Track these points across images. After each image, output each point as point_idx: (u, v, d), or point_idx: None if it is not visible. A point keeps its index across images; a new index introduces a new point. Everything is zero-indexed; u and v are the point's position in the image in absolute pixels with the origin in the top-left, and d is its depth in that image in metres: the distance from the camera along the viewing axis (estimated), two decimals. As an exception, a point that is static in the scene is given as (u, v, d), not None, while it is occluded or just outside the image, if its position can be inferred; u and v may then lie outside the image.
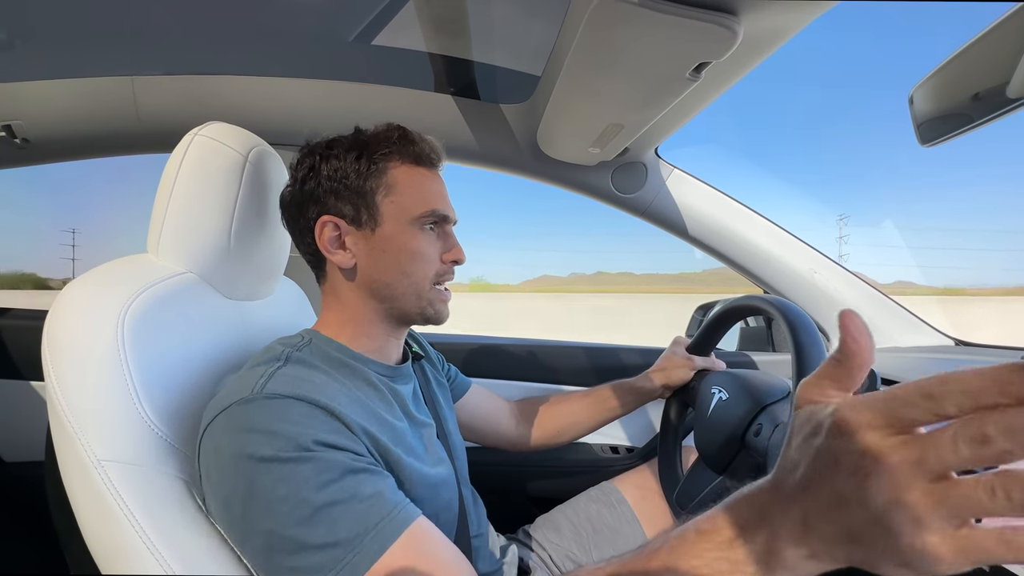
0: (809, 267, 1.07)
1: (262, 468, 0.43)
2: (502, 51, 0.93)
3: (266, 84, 0.98)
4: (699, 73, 0.55)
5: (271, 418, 0.45)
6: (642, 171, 1.01)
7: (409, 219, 0.59)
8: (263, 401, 0.46)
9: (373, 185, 0.59)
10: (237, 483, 0.43)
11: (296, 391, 0.47)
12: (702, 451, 0.74)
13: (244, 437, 0.44)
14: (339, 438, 0.46)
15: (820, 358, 0.55)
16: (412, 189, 0.60)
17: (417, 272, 0.60)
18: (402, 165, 0.60)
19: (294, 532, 0.41)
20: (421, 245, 0.60)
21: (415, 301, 0.60)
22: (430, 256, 0.61)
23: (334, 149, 0.60)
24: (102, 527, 0.45)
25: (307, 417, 0.46)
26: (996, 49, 0.45)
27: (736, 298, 0.76)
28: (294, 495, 0.42)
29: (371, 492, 0.45)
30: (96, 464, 0.45)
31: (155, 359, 0.51)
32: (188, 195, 0.59)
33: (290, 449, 0.43)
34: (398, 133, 0.61)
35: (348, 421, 0.48)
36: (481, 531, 0.71)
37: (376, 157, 0.59)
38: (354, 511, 0.43)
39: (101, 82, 0.89)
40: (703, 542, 0.31)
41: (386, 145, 0.60)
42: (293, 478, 0.42)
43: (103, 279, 0.53)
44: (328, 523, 0.42)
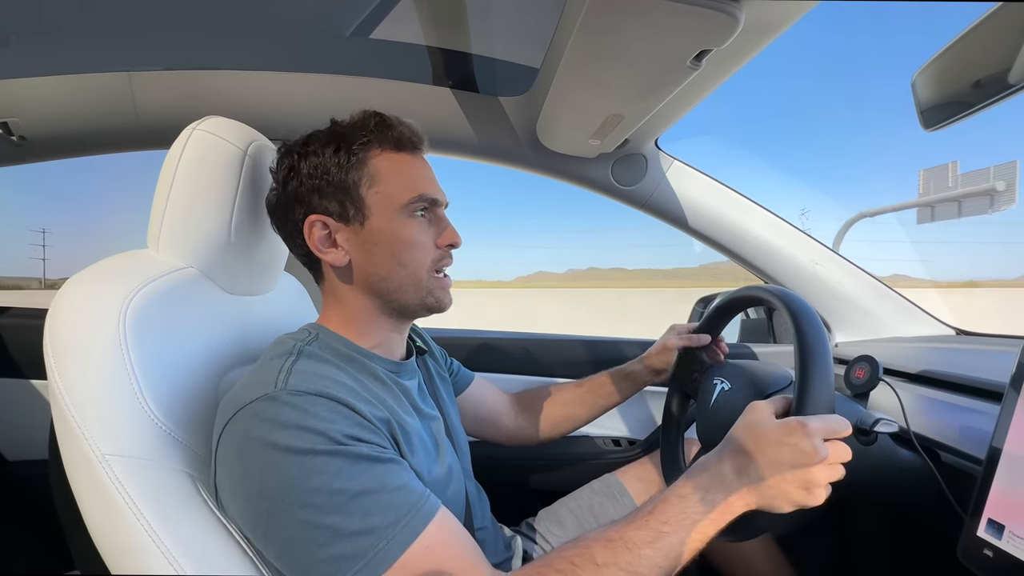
0: (811, 258, 1.06)
1: (295, 461, 0.43)
2: (500, 43, 0.93)
3: (264, 79, 0.98)
4: (700, 61, 0.55)
5: (300, 415, 0.45)
6: (642, 163, 1.01)
7: (397, 208, 0.57)
8: (289, 397, 0.46)
9: (356, 177, 0.57)
10: (267, 476, 0.44)
11: (318, 388, 0.48)
12: (705, 442, 0.74)
13: (273, 432, 0.44)
14: (363, 432, 0.47)
15: (823, 347, 0.55)
16: (396, 176, 0.58)
17: (413, 261, 0.58)
18: (383, 153, 0.58)
19: (329, 521, 0.42)
20: (413, 233, 0.58)
21: (414, 291, 0.59)
22: (424, 243, 0.59)
23: (311, 145, 0.58)
24: (107, 521, 0.45)
25: (333, 413, 0.47)
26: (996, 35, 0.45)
27: (737, 289, 0.76)
28: (328, 486, 0.43)
29: (398, 483, 0.46)
30: (101, 459, 0.45)
31: (157, 353, 0.51)
32: (187, 190, 0.59)
33: (323, 443, 0.44)
34: (375, 120, 0.59)
35: (368, 416, 0.49)
36: (485, 524, 0.72)
37: (355, 148, 0.57)
38: (385, 500, 0.44)
39: (98, 78, 0.88)
40: (683, 503, 0.48)
41: (364, 134, 0.58)
42: (327, 469, 0.43)
43: (104, 275, 0.53)
44: (361, 513, 0.43)
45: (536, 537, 0.86)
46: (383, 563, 0.42)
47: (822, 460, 0.47)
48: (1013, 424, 0.49)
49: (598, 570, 0.45)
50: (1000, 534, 0.47)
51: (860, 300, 1.06)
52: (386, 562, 0.42)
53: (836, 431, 0.49)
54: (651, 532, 0.47)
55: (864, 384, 0.74)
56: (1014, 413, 0.49)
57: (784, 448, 0.48)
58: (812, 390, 0.53)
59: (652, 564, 0.45)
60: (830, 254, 1.07)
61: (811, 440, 0.48)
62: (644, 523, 0.48)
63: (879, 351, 0.92)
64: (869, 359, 0.75)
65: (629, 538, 0.47)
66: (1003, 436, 0.49)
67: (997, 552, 0.47)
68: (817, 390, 0.53)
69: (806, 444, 0.48)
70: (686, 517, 0.48)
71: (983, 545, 0.48)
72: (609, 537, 0.47)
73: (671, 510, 0.48)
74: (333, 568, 0.42)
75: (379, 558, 0.42)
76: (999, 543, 0.47)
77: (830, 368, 0.54)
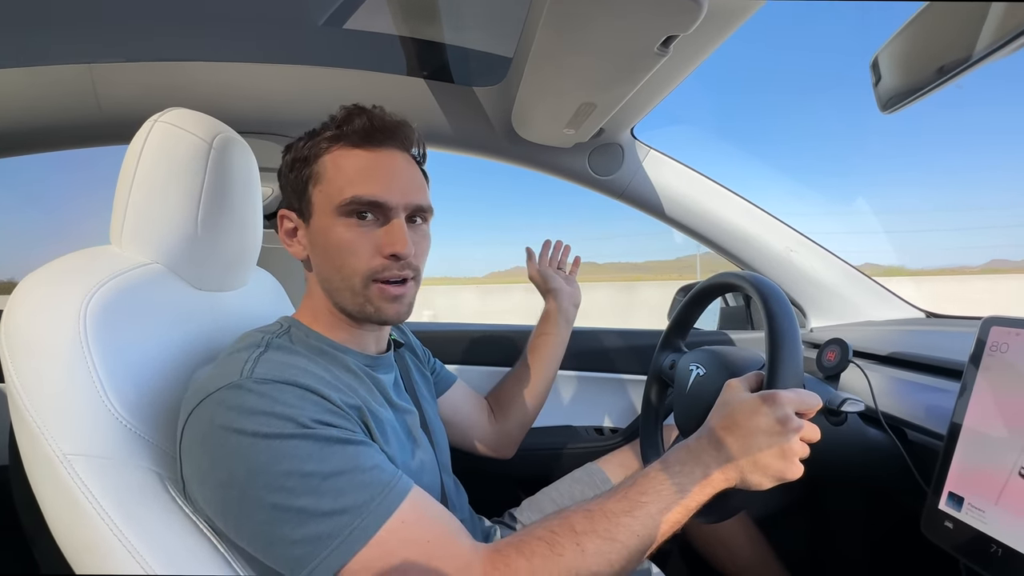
0: (785, 245, 1.08)
1: (263, 445, 0.43)
2: (474, 33, 0.92)
3: (234, 70, 0.96)
4: (667, 47, 0.55)
5: (265, 401, 0.45)
6: (618, 152, 1.01)
7: (332, 208, 0.55)
8: (255, 384, 0.46)
9: (307, 175, 0.57)
10: (235, 464, 0.43)
11: (284, 376, 0.47)
12: (682, 427, 0.75)
13: (240, 419, 0.44)
14: (333, 417, 0.47)
15: (791, 328, 0.56)
16: (337, 175, 0.55)
17: (345, 267, 0.55)
18: (339, 149, 0.56)
19: (301, 503, 0.42)
20: (345, 237, 0.54)
21: (351, 298, 0.56)
22: (358, 250, 0.54)
23: (299, 141, 0.60)
24: (71, 523, 0.44)
25: (301, 399, 0.46)
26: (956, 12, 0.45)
27: (712, 276, 0.77)
28: (298, 468, 0.43)
29: (370, 464, 0.46)
30: (63, 459, 0.44)
31: (121, 351, 0.49)
32: (150, 184, 0.57)
33: (291, 428, 0.44)
34: (343, 113, 0.57)
35: (337, 402, 0.48)
36: (463, 517, 0.72)
37: (312, 145, 0.57)
38: (358, 480, 0.44)
39: (57, 70, 0.85)
40: (662, 476, 0.50)
41: (328, 129, 0.57)
42: (297, 453, 0.43)
43: (63, 271, 0.52)
44: (334, 493, 0.43)
45: (518, 527, 0.86)
46: (358, 541, 0.42)
47: (796, 429, 0.49)
48: (972, 400, 0.51)
49: (577, 537, 0.45)
50: (960, 506, 0.48)
51: (833, 285, 1.09)
52: (361, 540, 0.42)
53: (806, 403, 0.51)
54: (630, 503, 0.48)
55: (835, 366, 0.76)
56: (973, 389, 0.51)
57: (758, 418, 0.50)
58: (782, 366, 0.54)
59: (630, 531, 0.46)
60: (804, 241, 1.09)
61: (783, 409, 0.50)
62: (624, 495, 0.49)
63: (851, 334, 0.94)
64: (839, 342, 0.77)
65: (608, 508, 0.48)
66: (963, 412, 0.51)
67: (957, 524, 0.48)
68: (786, 366, 0.54)
69: (779, 412, 0.49)
70: (665, 489, 0.48)
71: (944, 518, 0.49)
72: (589, 508, 0.48)
73: (650, 483, 0.49)
74: (307, 549, 0.41)
75: (353, 537, 0.42)
76: (959, 515, 0.48)
77: (798, 346, 0.56)
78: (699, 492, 0.49)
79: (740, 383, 0.56)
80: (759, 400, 0.51)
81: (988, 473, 0.47)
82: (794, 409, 0.50)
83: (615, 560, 0.45)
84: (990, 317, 0.52)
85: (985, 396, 0.50)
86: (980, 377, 0.51)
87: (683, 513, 0.49)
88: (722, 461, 0.50)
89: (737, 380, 0.57)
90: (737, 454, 0.49)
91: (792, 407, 0.50)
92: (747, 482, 0.49)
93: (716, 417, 0.53)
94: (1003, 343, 0.50)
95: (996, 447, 0.47)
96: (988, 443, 0.48)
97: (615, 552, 0.45)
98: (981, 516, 0.46)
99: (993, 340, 0.51)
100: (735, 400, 0.53)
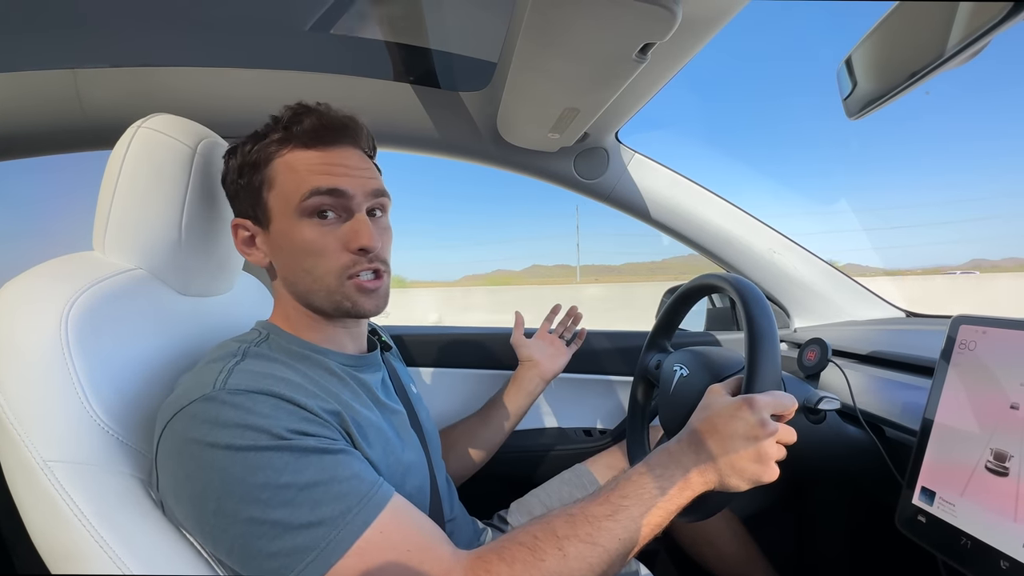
0: (768, 247, 1.10)
1: (237, 458, 0.43)
2: (459, 38, 0.93)
3: (220, 75, 0.96)
4: (645, 54, 0.56)
5: (240, 413, 0.44)
6: (603, 156, 1.02)
7: (292, 210, 0.54)
8: (228, 396, 0.45)
9: (259, 179, 0.55)
10: (210, 477, 0.43)
11: (259, 385, 0.47)
12: (666, 427, 0.76)
13: (212, 432, 0.43)
14: (309, 426, 0.47)
15: (770, 329, 0.57)
16: (290, 175, 0.54)
17: (317, 268, 0.55)
18: (287, 151, 0.55)
19: (276, 515, 0.42)
20: (310, 237, 0.54)
21: (326, 297, 0.56)
22: (326, 248, 0.54)
23: (238, 148, 0.57)
24: (52, 529, 0.44)
25: (275, 409, 0.46)
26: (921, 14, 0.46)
27: (695, 278, 0.78)
28: (273, 481, 0.42)
29: (349, 474, 0.45)
30: (43, 465, 0.44)
31: (104, 357, 0.49)
32: (134, 189, 0.57)
33: (265, 439, 0.43)
34: (289, 114, 0.56)
35: (314, 410, 0.48)
36: (454, 515, 0.72)
37: (258, 149, 0.55)
38: (334, 491, 0.44)
39: (39, 75, 0.85)
40: (643, 479, 0.50)
41: (274, 131, 0.56)
42: (272, 465, 0.43)
43: (45, 276, 0.51)
44: (310, 504, 0.42)
45: (508, 529, 0.87)
46: (335, 553, 0.42)
47: (772, 433, 0.50)
48: (943, 397, 0.52)
49: (559, 541, 0.46)
50: (932, 500, 0.50)
51: (816, 286, 1.10)
52: (338, 551, 0.42)
53: (783, 405, 0.52)
54: (611, 506, 0.48)
55: (815, 366, 0.77)
56: (944, 385, 0.52)
57: (736, 423, 0.51)
58: (759, 367, 0.55)
59: (612, 535, 0.47)
60: (787, 243, 1.11)
61: (760, 413, 0.51)
62: (606, 499, 0.49)
63: (833, 334, 0.96)
64: (819, 342, 0.78)
65: (590, 512, 0.48)
66: (934, 408, 0.52)
67: (929, 518, 0.49)
68: (764, 367, 0.55)
69: (756, 416, 0.51)
70: (645, 492, 0.49)
71: (917, 512, 0.51)
72: (571, 512, 0.49)
73: (631, 486, 0.50)
74: (285, 561, 0.41)
75: (331, 548, 0.42)
76: (931, 509, 0.49)
77: (776, 347, 0.57)
78: (679, 495, 0.50)
79: (722, 387, 0.58)
80: (737, 404, 0.52)
81: (956, 467, 0.48)
82: (771, 412, 0.52)
83: (597, 564, 0.46)
84: (959, 316, 0.53)
85: (955, 393, 0.51)
86: (950, 374, 0.52)
87: (664, 515, 0.49)
88: (701, 464, 0.51)
89: (719, 385, 0.58)
90: (715, 457, 0.51)
91: (769, 410, 0.51)
92: (725, 484, 0.51)
93: (697, 420, 0.55)
94: (972, 341, 0.51)
95: (964, 442, 0.48)
96: (957, 438, 0.49)
97: (596, 556, 0.46)
98: (951, 510, 0.48)
99: (962, 338, 0.52)
100: (715, 404, 0.54)
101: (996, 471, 0.45)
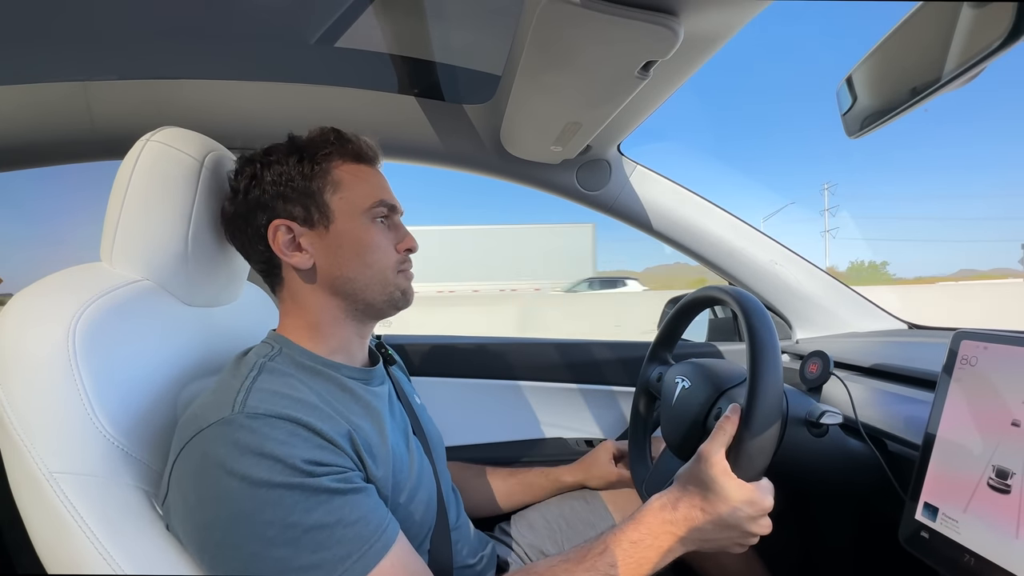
0: (770, 258, 1.10)
1: (250, 493, 0.43)
2: (464, 52, 0.94)
3: (227, 88, 0.97)
4: (647, 71, 0.57)
5: (258, 439, 0.45)
6: (606, 168, 1.03)
7: (360, 212, 0.61)
8: (246, 420, 0.46)
9: (319, 185, 0.60)
10: (220, 508, 0.43)
11: (276, 409, 0.47)
12: (668, 439, 0.76)
13: (230, 460, 0.44)
14: (324, 454, 0.47)
15: (771, 341, 0.57)
16: (358, 184, 0.62)
17: (378, 263, 0.61)
18: (344, 164, 0.62)
19: (279, 554, 0.42)
20: (376, 236, 0.61)
21: (381, 289, 0.62)
22: (386, 246, 0.62)
23: (273, 155, 0.61)
24: (56, 541, 0.44)
25: (292, 436, 0.46)
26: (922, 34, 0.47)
27: (697, 290, 0.79)
28: (281, 519, 0.43)
29: (355, 517, 0.46)
30: (48, 477, 0.44)
31: (110, 368, 0.50)
32: (142, 202, 0.58)
33: (279, 472, 0.44)
34: (334, 135, 0.62)
35: (330, 436, 0.49)
36: (460, 523, 0.73)
37: (318, 158, 0.60)
38: (339, 535, 0.44)
39: (52, 88, 0.87)
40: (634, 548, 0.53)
41: (325, 147, 0.61)
42: (282, 503, 0.43)
43: (53, 288, 0.52)
44: (313, 547, 0.43)
45: (511, 543, 0.86)
46: None
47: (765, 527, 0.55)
48: (945, 411, 0.52)
49: None
50: (935, 516, 0.49)
51: (818, 298, 1.11)
52: None
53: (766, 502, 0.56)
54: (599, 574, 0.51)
55: (817, 378, 0.77)
56: (946, 399, 0.52)
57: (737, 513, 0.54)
58: (761, 380, 0.55)
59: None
60: (789, 254, 1.11)
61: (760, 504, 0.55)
62: (592, 565, 0.51)
63: (835, 346, 0.96)
64: (821, 354, 0.78)
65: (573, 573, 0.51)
66: (936, 423, 0.52)
67: (933, 534, 0.49)
68: (765, 380, 0.55)
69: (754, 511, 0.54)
70: (634, 562, 0.52)
71: (920, 528, 0.50)
72: (554, 571, 0.51)
73: (621, 554, 0.52)
74: None
75: None
76: (934, 525, 0.49)
77: (778, 359, 0.57)
78: (663, 560, 0.54)
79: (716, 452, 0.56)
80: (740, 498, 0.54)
81: (959, 483, 0.48)
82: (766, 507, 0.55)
83: None
84: (961, 331, 0.53)
85: (957, 407, 0.51)
86: (952, 389, 0.52)
87: None
88: (692, 538, 0.54)
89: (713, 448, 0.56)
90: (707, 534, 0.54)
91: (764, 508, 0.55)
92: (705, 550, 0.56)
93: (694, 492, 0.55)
94: (973, 356, 0.51)
95: (967, 458, 0.48)
96: (959, 454, 0.49)
97: None
98: (954, 526, 0.47)
99: (964, 353, 0.52)
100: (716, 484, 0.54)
101: (998, 488, 0.45)
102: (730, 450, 0.55)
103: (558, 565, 0.51)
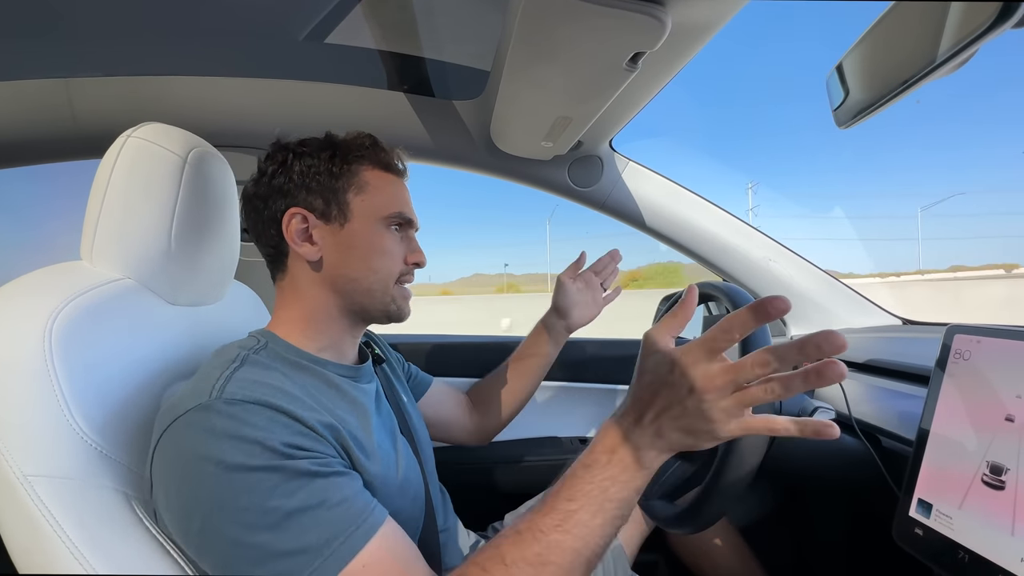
0: (764, 255, 1.10)
1: (227, 477, 0.42)
2: (453, 47, 0.93)
3: (214, 84, 0.96)
4: (636, 64, 0.56)
5: (235, 424, 0.44)
6: (598, 164, 1.02)
7: (378, 218, 0.61)
8: (224, 406, 0.45)
9: (345, 184, 0.61)
10: (199, 493, 0.42)
11: (255, 395, 0.46)
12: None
13: (206, 444, 0.43)
14: (304, 440, 0.46)
15: (764, 337, 0.57)
16: (382, 191, 0.63)
17: (383, 269, 0.62)
18: (373, 169, 0.63)
19: (261, 539, 0.41)
20: (387, 243, 0.62)
21: (380, 297, 0.62)
22: (395, 255, 0.63)
23: (307, 147, 0.62)
24: (30, 546, 0.43)
25: (271, 422, 0.45)
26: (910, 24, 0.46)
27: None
28: (261, 504, 0.41)
29: (339, 499, 0.44)
30: (23, 480, 0.43)
31: (89, 369, 0.49)
32: (123, 199, 0.57)
33: (256, 455, 0.43)
34: (370, 140, 0.64)
35: (311, 423, 0.47)
36: (448, 525, 0.72)
37: (350, 158, 0.62)
38: (322, 518, 0.43)
39: (32, 84, 0.85)
40: (589, 473, 0.43)
41: (359, 150, 0.63)
42: (260, 486, 0.42)
43: (30, 287, 0.51)
44: (296, 530, 0.42)
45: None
46: None
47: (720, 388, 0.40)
48: (938, 406, 0.51)
49: (507, 570, 0.41)
50: (929, 513, 0.49)
51: (812, 294, 1.10)
52: None
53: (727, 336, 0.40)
54: (559, 514, 0.42)
55: (810, 374, 0.76)
56: (939, 395, 0.52)
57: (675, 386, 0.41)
58: None
59: (563, 549, 0.41)
60: (782, 250, 1.10)
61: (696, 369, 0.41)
62: (552, 506, 0.43)
63: None
64: (815, 350, 0.78)
65: (537, 526, 0.43)
66: (930, 418, 0.52)
67: (926, 530, 0.49)
68: None
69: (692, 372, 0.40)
70: (593, 487, 0.42)
71: (914, 524, 0.50)
72: (518, 530, 0.43)
73: (577, 483, 0.43)
74: None
75: None
76: (928, 521, 0.49)
77: None
78: (632, 478, 0.42)
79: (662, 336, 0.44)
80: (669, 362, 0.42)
81: (953, 479, 0.47)
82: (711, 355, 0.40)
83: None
84: (953, 325, 0.53)
85: (950, 402, 0.50)
86: (945, 384, 0.51)
87: (621, 508, 0.43)
88: (649, 436, 0.42)
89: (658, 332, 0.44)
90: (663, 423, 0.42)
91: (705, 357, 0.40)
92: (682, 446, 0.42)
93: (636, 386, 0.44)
94: (966, 350, 0.51)
95: (961, 454, 0.48)
96: (953, 450, 0.49)
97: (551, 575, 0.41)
98: (949, 522, 0.47)
99: (957, 347, 0.52)
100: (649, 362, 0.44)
101: (992, 484, 0.44)
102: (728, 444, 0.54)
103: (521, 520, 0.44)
